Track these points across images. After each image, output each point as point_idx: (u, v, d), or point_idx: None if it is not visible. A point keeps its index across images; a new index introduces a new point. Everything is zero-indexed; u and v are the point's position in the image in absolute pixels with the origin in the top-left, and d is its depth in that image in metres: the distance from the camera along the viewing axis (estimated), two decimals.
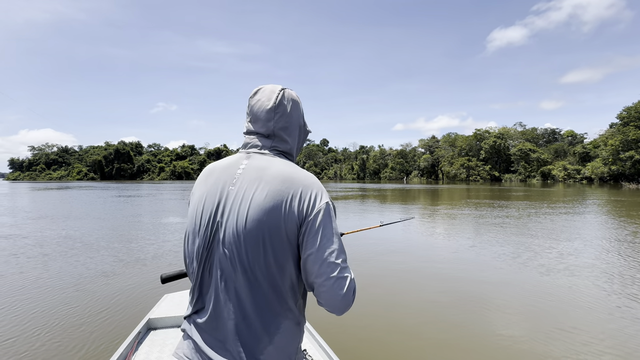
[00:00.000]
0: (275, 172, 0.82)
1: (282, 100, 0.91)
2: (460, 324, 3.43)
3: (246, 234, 0.78)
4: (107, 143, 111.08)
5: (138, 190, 32.47)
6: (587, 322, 3.45)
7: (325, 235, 0.78)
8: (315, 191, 0.81)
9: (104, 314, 3.68)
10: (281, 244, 0.78)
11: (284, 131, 0.91)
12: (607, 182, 49.75)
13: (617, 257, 6.07)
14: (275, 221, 0.77)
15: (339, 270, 0.78)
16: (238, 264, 0.79)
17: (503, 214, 12.61)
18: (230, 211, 0.80)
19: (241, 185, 0.82)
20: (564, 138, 71.41)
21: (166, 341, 2.07)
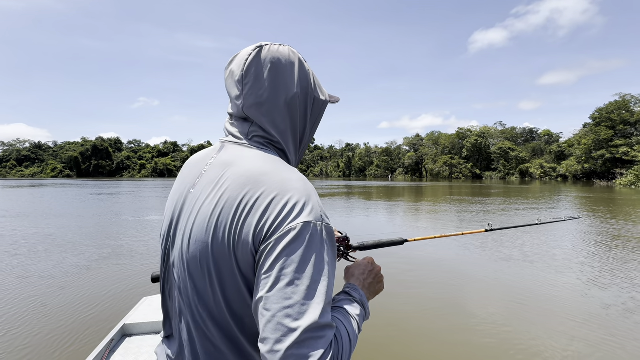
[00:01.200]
0: (240, 170, 0.58)
1: (252, 64, 0.63)
2: (444, 313, 3.51)
3: (189, 259, 0.58)
4: (84, 139, 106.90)
5: (118, 188, 31.42)
6: (562, 307, 3.62)
7: (287, 272, 0.49)
8: (291, 201, 0.53)
9: (75, 318, 3.39)
10: (232, 279, 0.55)
11: (257, 110, 0.63)
12: (580, 179, 52.17)
13: (583, 249, 6.39)
14: (221, 244, 0.54)
15: (294, 340, 0.46)
16: (185, 296, 0.60)
17: (482, 209, 13.01)
18: (181, 224, 0.62)
19: (199, 188, 0.61)
20: (541, 137, 74.28)
21: (142, 349, 1.91)
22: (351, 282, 0.69)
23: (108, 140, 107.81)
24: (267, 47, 0.64)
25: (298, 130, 0.67)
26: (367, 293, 0.69)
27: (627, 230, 8.49)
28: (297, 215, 0.51)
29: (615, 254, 6.09)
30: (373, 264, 0.74)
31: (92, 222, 10.18)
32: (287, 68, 0.64)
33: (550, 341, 2.98)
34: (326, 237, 0.53)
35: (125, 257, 6.05)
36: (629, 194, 23.72)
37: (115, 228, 9.18)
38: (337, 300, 0.62)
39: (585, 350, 2.84)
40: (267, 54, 0.63)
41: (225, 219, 0.54)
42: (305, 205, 0.53)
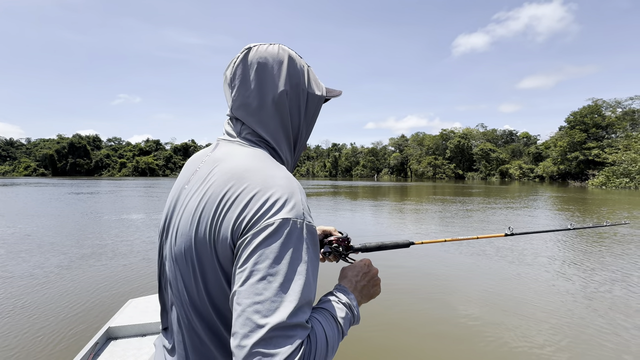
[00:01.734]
0: (226, 167, 0.59)
1: (240, 66, 0.65)
2: (427, 309, 3.67)
3: (177, 253, 0.59)
4: (60, 136, 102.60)
5: (97, 187, 30.42)
6: (532, 298, 3.86)
7: (260, 267, 0.48)
8: (271, 197, 0.52)
9: (58, 321, 3.29)
10: (213, 273, 0.55)
11: (245, 110, 0.65)
12: (556, 180, 54.49)
13: (555, 245, 6.77)
14: (203, 238, 0.55)
15: (260, 337, 0.45)
16: (174, 289, 0.61)
17: (462, 208, 13.45)
18: (173, 219, 0.63)
19: (191, 184, 0.63)
20: (520, 139, 77.03)
21: (127, 352, 1.86)
22: (342, 284, 0.67)
23: (86, 137, 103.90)
24: (255, 48, 0.65)
25: (291, 128, 0.67)
26: (359, 296, 0.67)
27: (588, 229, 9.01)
28: (276, 211, 0.51)
29: (582, 247, 6.49)
30: (369, 266, 0.72)
31: (72, 222, 9.88)
32: (274, 67, 0.64)
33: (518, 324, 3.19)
34: (306, 236, 0.52)
35: (109, 257, 5.94)
36: (598, 194, 25.03)
37: (97, 228, 8.95)
38: (322, 301, 0.60)
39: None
40: (254, 55, 0.64)
41: (208, 213, 0.54)
42: (287, 202, 0.52)
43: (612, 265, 5.43)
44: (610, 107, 50.92)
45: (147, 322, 2.08)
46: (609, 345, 2.94)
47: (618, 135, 47.88)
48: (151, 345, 1.92)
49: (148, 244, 7.01)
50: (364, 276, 0.69)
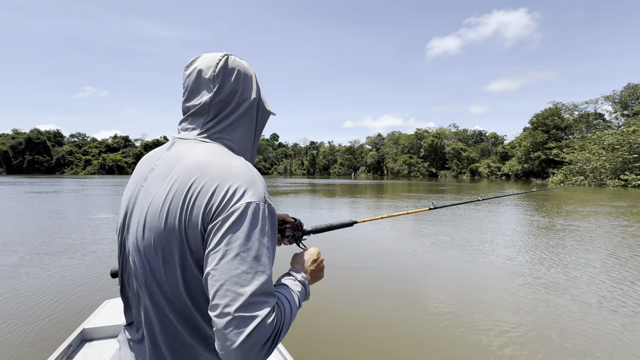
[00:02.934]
0: (188, 162, 0.63)
1: (224, 67, 0.71)
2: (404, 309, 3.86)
3: (144, 246, 0.63)
4: (16, 130, 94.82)
5: (59, 186, 28.57)
6: (496, 286, 4.18)
7: (233, 247, 0.54)
8: (235, 185, 0.58)
9: (29, 322, 3.16)
10: (184, 260, 0.60)
11: (224, 107, 0.70)
12: (520, 178, 57.95)
13: (517, 236, 7.30)
14: (172, 229, 0.59)
15: (240, 303, 0.51)
16: (142, 280, 0.64)
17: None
18: (134, 215, 0.67)
19: (150, 182, 0.67)
20: (489, 139, 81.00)
21: (103, 354, 1.84)
22: (296, 267, 0.77)
23: (46, 132, 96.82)
24: (233, 57, 0.73)
25: (252, 132, 0.75)
26: (309, 278, 0.76)
27: (528, 217, 9.77)
28: (240, 196, 0.57)
29: (521, 229, 7.04)
30: (318, 254, 0.82)
31: (36, 222, 9.27)
32: (248, 77, 0.73)
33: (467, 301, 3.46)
34: (268, 215, 0.59)
35: (81, 256, 5.69)
36: (557, 190, 26.97)
37: (66, 227, 8.48)
38: (280, 279, 0.71)
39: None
40: (234, 62, 0.72)
41: (176, 206, 0.59)
42: (249, 188, 0.58)
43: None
44: (568, 110, 54.89)
45: (124, 323, 2.04)
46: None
47: (575, 136, 51.72)
48: None
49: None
50: (313, 262, 0.79)
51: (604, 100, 50.55)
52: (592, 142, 40.38)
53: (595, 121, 51.69)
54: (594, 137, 41.07)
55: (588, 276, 4.75)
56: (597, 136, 40.45)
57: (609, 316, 3.45)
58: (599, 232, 8.07)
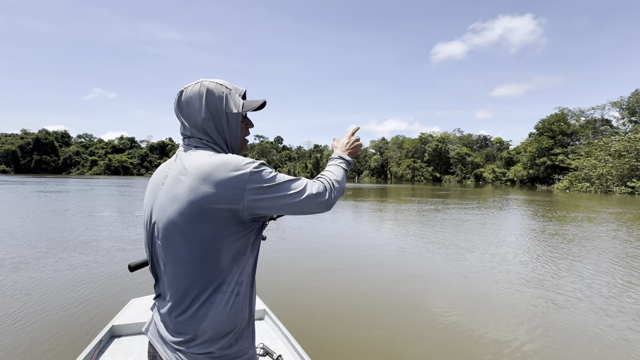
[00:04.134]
0: (190, 165, 0.83)
1: (179, 103, 0.94)
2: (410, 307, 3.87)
3: (168, 232, 0.83)
4: (25, 131, 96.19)
5: (64, 185, 28.95)
6: (499, 293, 4.18)
7: (272, 189, 0.82)
8: (234, 167, 0.81)
9: (61, 320, 3.32)
10: (204, 236, 0.80)
11: (195, 128, 0.92)
12: (525, 183, 57.43)
13: (519, 240, 7.26)
14: (197, 215, 0.79)
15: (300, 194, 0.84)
16: (171, 255, 0.84)
17: (441, 209, 14.00)
18: (160, 209, 0.86)
19: (167, 184, 0.86)
20: (494, 144, 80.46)
21: (131, 349, 1.93)
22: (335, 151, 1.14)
23: (53, 133, 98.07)
24: (185, 90, 0.94)
25: (222, 138, 0.94)
26: (346, 152, 1.13)
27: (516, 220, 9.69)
28: (242, 172, 0.81)
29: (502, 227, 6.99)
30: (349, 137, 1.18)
31: (57, 220, 9.43)
32: (196, 102, 0.92)
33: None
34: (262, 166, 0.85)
35: (102, 255, 5.82)
36: (562, 196, 26.69)
37: (88, 229, 8.61)
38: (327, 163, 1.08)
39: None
40: (186, 93, 0.93)
41: (197, 196, 0.79)
42: (242, 165, 0.82)
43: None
44: (574, 116, 54.37)
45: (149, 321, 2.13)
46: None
47: (581, 142, 51.16)
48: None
49: (140, 242, 6.85)
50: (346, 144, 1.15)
51: (611, 106, 50.05)
52: (599, 149, 39.94)
53: (602, 127, 51.13)
54: (600, 144, 40.62)
55: (603, 293, 4.72)
56: (604, 142, 40.02)
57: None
58: (603, 242, 8.00)
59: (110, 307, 3.63)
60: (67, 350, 2.76)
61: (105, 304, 3.75)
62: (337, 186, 0.93)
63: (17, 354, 2.73)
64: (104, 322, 3.20)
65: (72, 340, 2.94)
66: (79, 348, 2.74)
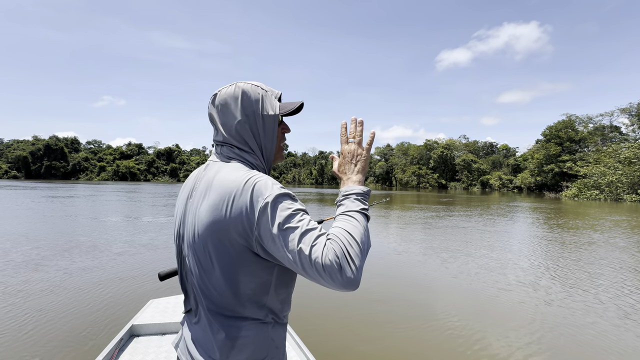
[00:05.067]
0: (217, 182, 0.78)
1: (213, 107, 0.88)
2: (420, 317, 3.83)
3: (196, 247, 0.78)
4: (36, 137, 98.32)
5: (74, 191, 29.36)
6: (508, 303, 4.10)
7: (277, 233, 0.69)
8: (254, 192, 0.72)
9: (84, 320, 3.47)
10: (229, 259, 0.75)
11: (229, 134, 0.86)
12: (533, 191, 56.65)
13: (525, 246, 7.15)
14: (217, 236, 0.74)
15: (302, 253, 0.66)
16: (196, 274, 0.80)
17: (448, 215, 13.86)
18: (187, 225, 0.82)
19: (195, 198, 0.82)
20: (500, 151, 79.78)
21: (149, 349, 2.01)
22: (341, 187, 0.88)
23: (63, 139, 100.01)
24: (219, 92, 0.88)
25: (256, 144, 0.87)
26: (360, 175, 0.89)
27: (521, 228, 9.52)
28: (264, 197, 0.71)
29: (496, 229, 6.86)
30: (352, 151, 0.91)
31: (79, 224, 9.55)
32: (231, 104, 0.86)
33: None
34: (285, 197, 0.73)
35: (129, 262, 5.90)
36: (571, 204, 26.25)
37: (94, 229, 8.72)
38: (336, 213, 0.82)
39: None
40: (220, 95, 0.87)
41: (216, 217, 0.74)
42: (264, 189, 0.72)
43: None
44: (582, 123, 53.74)
45: (167, 322, 2.21)
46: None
47: (590, 149, 50.45)
48: (170, 343, 2.06)
49: (159, 247, 6.90)
50: (351, 163, 0.91)
51: (620, 113, 49.40)
52: (608, 156, 39.36)
53: (612, 134, 50.42)
54: (609, 150, 40.02)
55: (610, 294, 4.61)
56: (613, 149, 39.42)
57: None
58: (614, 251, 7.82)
59: (129, 308, 3.76)
60: (90, 347, 2.88)
61: (124, 304, 3.89)
62: (356, 252, 0.68)
63: (48, 349, 2.86)
64: (123, 321, 3.35)
65: (92, 339, 3.06)
66: (100, 345, 2.88)
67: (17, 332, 3.19)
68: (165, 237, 8.38)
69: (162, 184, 70.40)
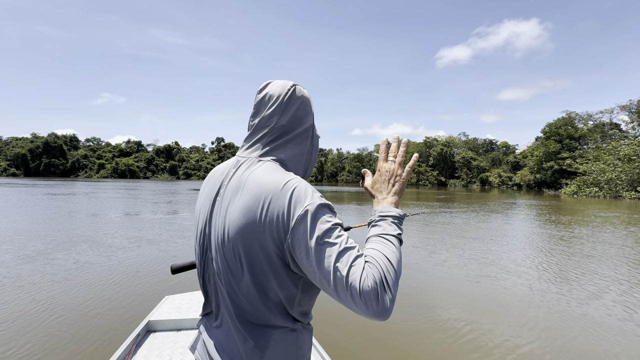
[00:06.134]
0: (252, 182, 0.73)
1: (291, 96, 0.81)
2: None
3: (225, 251, 0.74)
4: (35, 135, 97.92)
5: (73, 188, 29.32)
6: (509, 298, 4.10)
7: (313, 247, 0.64)
8: (293, 197, 0.68)
9: (101, 315, 3.58)
10: (259, 266, 0.70)
11: (285, 131, 0.81)
12: (532, 188, 56.70)
13: (525, 244, 7.17)
14: (249, 241, 0.70)
15: (338, 274, 0.61)
16: (223, 278, 0.76)
17: (446, 212, 13.86)
18: (215, 225, 0.77)
19: (224, 197, 0.77)
20: (500, 148, 79.74)
21: (165, 344, 2.06)
22: (374, 207, 0.81)
23: (62, 137, 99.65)
24: (299, 87, 0.84)
25: (304, 153, 0.84)
26: (396, 197, 0.81)
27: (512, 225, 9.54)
28: (302, 205, 0.66)
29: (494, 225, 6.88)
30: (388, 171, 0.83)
31: (76, 222, 9.54)
32: (308, 106, 0.84)
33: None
34: (325, 208, 0.68)
35: (144, 258, 5.97)
36: (570, 202, 26.29)
37: (101, 226, 8.71)
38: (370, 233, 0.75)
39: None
40: (299, 90, 0.83)
41: (250, 221, 0.69)
42: (303, 196, 0.68)
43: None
44: (582, 120, 53.64)
45: (182, 318, 2.28)
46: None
47: (589, 146, 50.40)
48: (186, 339, 2.14)
49: (171, 243, 6.90)
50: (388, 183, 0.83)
51: (620, 110, 49.29)
52: (607, 153, 39.33)
53: (611, 131, 50.34)
54: (609, 148, 39.99)
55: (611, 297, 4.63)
56: (613, 146, 39.40)
57: None
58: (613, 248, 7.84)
59: (145, 304, 3.85)
60: (106, 344, 2.95)
61: (140, 301, 3.99)
62: (393, 280, 0.64)
63: (65, 343, 2.96)
64: (139, 318, 3.45)
65: (109, 334, 3.15)
66: (117, 341, 2.96)
67: (46, 324, 3.32)
68: (170, 233, 8.41)
69: (162, 181, 70.41)
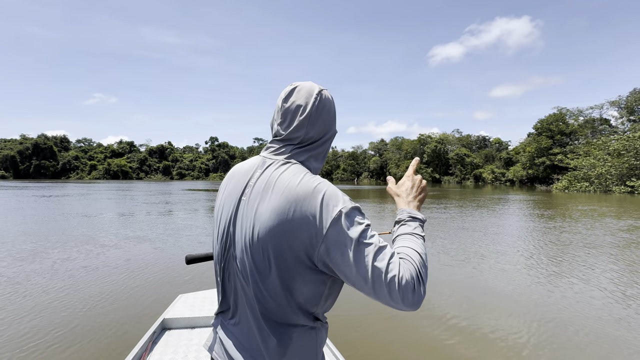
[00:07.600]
0: (281, 184, 0.74)
1: (318, 107, 0.83)
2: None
3: (252, 250, 0.75)
4: (24, 136, 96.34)
5: (65, 190, 28.89)
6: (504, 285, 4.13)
7: (350, 248, 0.67)
8: (324, 201, 0.70)
9: (117, 313, 3.65)
10: (287, 266, 0.72)
11: (313, 138, 0.84)
12: (525, 184, 57.38)
13: (521, 237, 7.24)
14: (278, 242, 0.71)
15: (376, 272, 0.65)
16: (249, 277, 0.77)
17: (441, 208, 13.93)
18: (241, 224, 0.78)
19: (251, 197, 0.78)
20: (493, 145, 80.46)
21: (180, 342, 2.11)
22: (399, 207, 0.88)
23: (53, 138, 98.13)
24: (324, 92, 0.84)
25: (324, 152, 0.88)
26: (420, 203, 0.88)
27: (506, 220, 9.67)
28: (333, 209, 0.69)
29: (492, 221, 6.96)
30: (414, 180, 0.92)
31: (80, 223, 9.39)
32: (333, 112, 0.86)
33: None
34: (355, 212, 0.71)
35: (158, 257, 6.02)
36: (560, 196, 26.65)
37: (102, 227, 8.59)
38: (398, 231, 0.81)
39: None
40: (326, 97, 0.84)
41: (280, 222, 0.70)
42: (334, 200, 0.70)
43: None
44: (573, 116, 54.36)
45: (196, 316, 2.34)
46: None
47: (580, 142, 51.10)
48: (200, 336, 2.19)
49: (180, 243, 6.82)
50: (412, 194, 0.90)
51: (610, 106, 50.06)
52: (597, 148, 39.91)
53: (601, 127, 51.10)
54: (599, 143, 40.58)
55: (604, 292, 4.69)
56: (602, 142, 39.99)
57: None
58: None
59: (159, 302, 3.91)
60: (123, 341, 3.01)
61: (155, 299, 4.07)
62: (425, 274, 0.70)
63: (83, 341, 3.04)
64: (153, 315, 3.51)
65: (125, 331, 3.22)
66: (133, 339, 3.00)
67: (66, 322, 3.42)
68: (172, 232, 8.39)
69: (155, 182, 69.79)
